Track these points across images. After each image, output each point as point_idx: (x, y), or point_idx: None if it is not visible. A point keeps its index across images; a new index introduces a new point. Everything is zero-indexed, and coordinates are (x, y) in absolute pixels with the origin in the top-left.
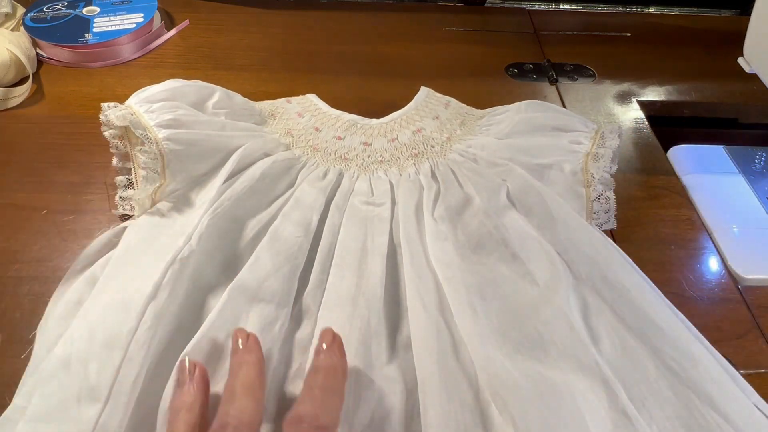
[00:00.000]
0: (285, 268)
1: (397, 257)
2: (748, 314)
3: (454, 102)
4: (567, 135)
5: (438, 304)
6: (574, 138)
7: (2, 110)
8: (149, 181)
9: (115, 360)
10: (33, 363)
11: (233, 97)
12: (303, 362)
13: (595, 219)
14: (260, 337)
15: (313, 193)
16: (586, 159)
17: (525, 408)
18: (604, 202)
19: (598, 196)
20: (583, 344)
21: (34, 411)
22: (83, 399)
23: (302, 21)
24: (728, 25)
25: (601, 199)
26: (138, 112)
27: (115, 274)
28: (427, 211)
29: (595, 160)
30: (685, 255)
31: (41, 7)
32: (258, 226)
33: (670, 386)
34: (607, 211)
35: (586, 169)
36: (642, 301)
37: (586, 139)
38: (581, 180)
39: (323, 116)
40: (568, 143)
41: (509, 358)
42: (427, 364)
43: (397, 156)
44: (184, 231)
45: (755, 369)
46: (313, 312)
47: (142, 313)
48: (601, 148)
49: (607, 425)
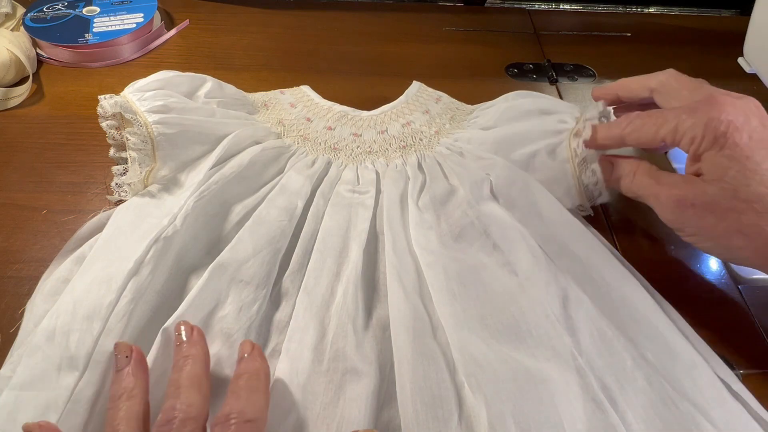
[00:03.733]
0: (266, 250)
1: (378, 244)
2: (748, 314)
3: (445, 97)
4: (552, 116)
5: (417, 288)
6: (560, 118)
7: (2, 110)
8: (141, 164)
9: (95, 331)
10: (20, 337)
11: (225, 87)
12: (279, 342)
13: (587, 193)
14: (238, 317)
15: (299, 180)
16: (570, 136)
17: (498, 390)
18: (590, 174)
19: (584, 170)
20: (559, 334)
21: (18, 380)
22: (63, 368)
23: (302, 21)
24: (728, 25)
25: (588, 172)
26: (131, 100)
27: (102, 252)
28: (411, 200)
29: (577, 135)
30: (685, 255)
31: (41, 7)
32: (244, 210)
33: (646, 377)
34: (596, 183)
35: (570, 146)
36: (623, 294)
37: (571, 119)
38: (566, 157)
39: (315, 107)
40: (553, 122)
41: (485, 343)
42: (405, 343)
43: (385, 147)
44: (171, 211)
45: (755, 369)
46: (292, 294)
47: (123, 288)
48: (581, 123)
49: (579, 413)
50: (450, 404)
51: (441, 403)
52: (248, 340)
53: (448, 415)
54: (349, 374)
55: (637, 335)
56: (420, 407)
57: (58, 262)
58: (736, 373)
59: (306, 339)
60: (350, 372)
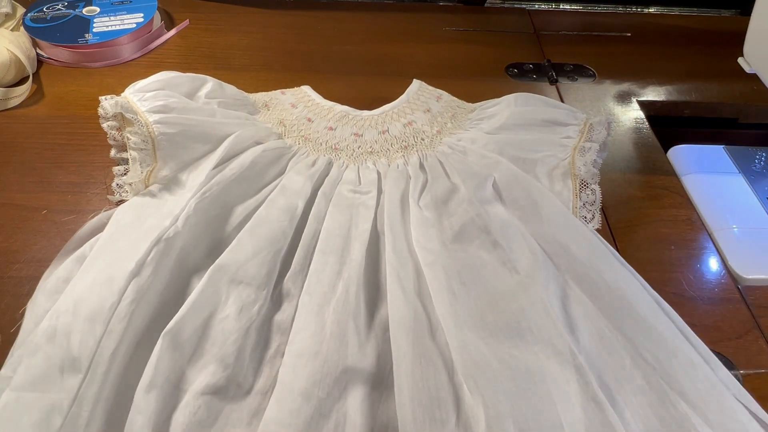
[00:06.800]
0: (266, 251)
1: (380, 244)
2: (748, 314)
3: (446, 95)
4: (557, 129)
5: (417, 289)
6: (564, 132)
7: (2, 110)
8: (141, 164)
9: (97, 333)
10: (21, 337)
11: (226, 87)
12: (281, 344)
13: (581, 211)
14: (238, 317)
15: (300, 181)
16: (573, 152)
17: (496, 391)
18: (590, 193)
19: (584, 189)
20: (559, 332)
21: (19, 380)
22: (66, 369)
23: (302, 21)
24: (728, 25)
25: (587, 191)
26: (131, 100)
27: (103, 252)
28: (412, 200)
29: (582, 153)
30: (685, 255)
31: (41, 7)
32: (245, 212)
33: (644, 376)
34: (593, 203)
35: (573, 162)
36: (622, 294)
37: (575, 133)
38: (569, 173)
39: (316, 107)
40: (558, 138)
41: (484, 342)
42: (403, 345)
43: (387, 147)
44: (173, 213)
45: (755, 369)
46: (294, 295)
47: (124, 289)
48: (588, 141)
49: (577, 412)
50: (448, 405)
51: (439, 404)
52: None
53: (446, 417)
54: (348, 374)
55: (636, 335)
56: (418, 408)
57: (58, 262)
58: (736, 373)
59: (307, 339)
60: (350, 372)
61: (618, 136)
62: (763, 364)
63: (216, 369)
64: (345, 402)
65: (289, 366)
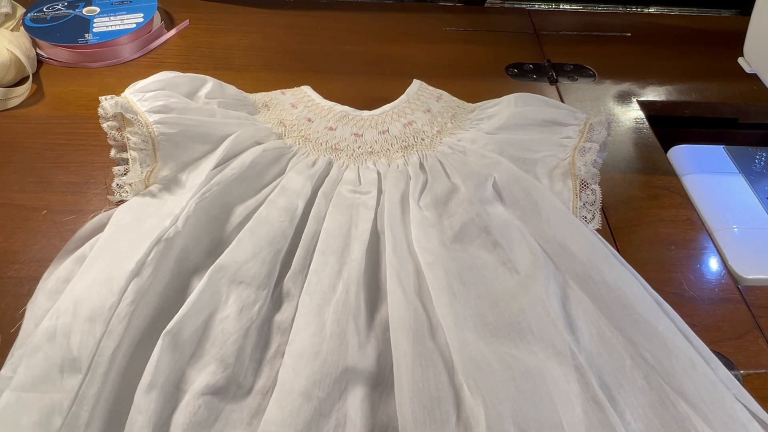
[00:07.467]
0: (266, 251)
1: (380, 244)
2: (748, 314)
3: (446, 95)
4: (557, 129)
5: (417, 289)
6: (565, 132)
7: (2, 110)
8: (142, 164)
9: (97, 333)
10: (21, 337)
11: (226, 87)
12: (281, 344)
13: (581, 211)
14: (239, 317)
15: (300, 181)
16: (573, 152)
17: (496, 391)
18: (590, 194)
19: (584, 189)
20: (559, 332)
21: (19, 380)
22: (66, 369)
23: (302, 21)
24: (728, 25)
25: (587, 191)
26: (131, 101)
27: (103, 252)
28: (413, 200)
29: (582, 153)
30: (685, 255)
31: (41, 7)
32: (245, 212)
33: (644, 376)
34: (593, 203)
35: (573, 163)
36: (622, 294)
37: (575, 133)
38: (569, 173)
39: (316, 107)
40: (558, 138)
41: (485, 342)
42: (403, 345)
43: (387, 147)
44: (173, 213)
45: (755, 369)
46: (294, 296)
47: (124, 289)
48: (588, 141)
49: (577, 412)
50: (448, 405)
51: (439, 404)
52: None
53: (446, 417)
54: (349, 374)
55: (636, 335)
56: (418, 408)
57: (58, 262)
58: (736, 373)
59: (307, 340)
60: (350, 372)
61: (618, 136)
62: (763, 364)
63: (216, 369)
64: (345, 402)
65: (289, 366)
